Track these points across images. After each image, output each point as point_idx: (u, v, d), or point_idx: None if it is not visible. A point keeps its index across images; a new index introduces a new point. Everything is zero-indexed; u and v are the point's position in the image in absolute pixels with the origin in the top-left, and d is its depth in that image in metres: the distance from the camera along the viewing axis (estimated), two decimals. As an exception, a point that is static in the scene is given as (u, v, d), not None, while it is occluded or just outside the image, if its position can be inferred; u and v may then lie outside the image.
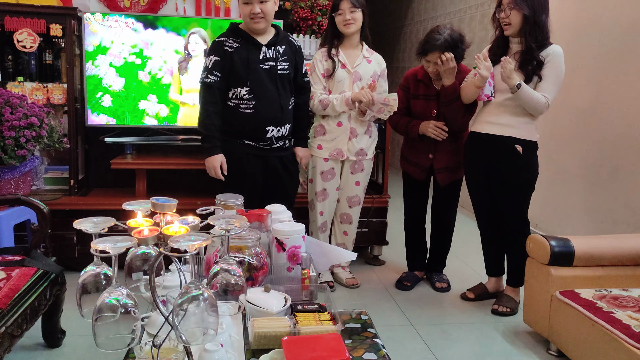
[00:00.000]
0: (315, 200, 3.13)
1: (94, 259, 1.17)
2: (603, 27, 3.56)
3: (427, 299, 3.10)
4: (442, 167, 3.06)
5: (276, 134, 2.79)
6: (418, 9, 6.68)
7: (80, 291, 1.17)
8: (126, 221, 1.20)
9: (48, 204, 3.07)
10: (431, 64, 2.91)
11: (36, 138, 2.85)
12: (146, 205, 1.27)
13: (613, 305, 2.23)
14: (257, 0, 2.62)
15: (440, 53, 2.82)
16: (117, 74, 3.37)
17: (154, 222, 1.20)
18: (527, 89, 2.65)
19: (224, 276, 1.25)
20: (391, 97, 2.88)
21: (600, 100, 3.57)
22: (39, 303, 2.21)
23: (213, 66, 2.67)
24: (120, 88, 3.39)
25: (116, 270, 1.12)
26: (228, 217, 1.24)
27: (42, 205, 2.46)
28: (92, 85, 3.35)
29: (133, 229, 1.12)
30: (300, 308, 1.65)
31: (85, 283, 1.16)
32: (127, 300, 1.10)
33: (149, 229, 1.12)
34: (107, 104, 3.39)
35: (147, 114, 3.44)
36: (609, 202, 3.48)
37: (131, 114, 3.42)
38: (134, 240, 1.08)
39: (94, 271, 1.17)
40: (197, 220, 1.21)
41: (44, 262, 2.35)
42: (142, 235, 1.09)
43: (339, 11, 2.92)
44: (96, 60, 3.34)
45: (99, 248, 1.03)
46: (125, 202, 1.30)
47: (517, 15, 2.65)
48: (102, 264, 1.18)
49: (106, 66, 3.35)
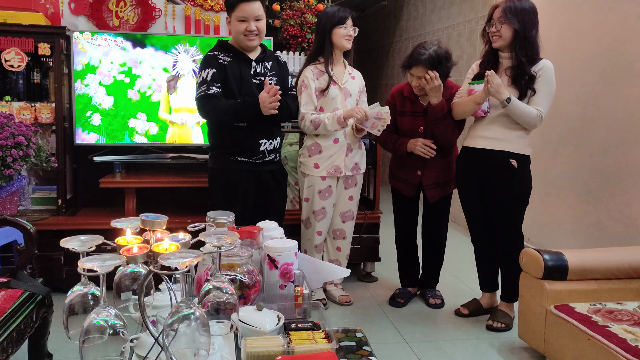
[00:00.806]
0: (312, 219, 3.10)
1: (81, 279, 1.14)
2: (588, 43, 3.60)
3: (420, 315, 3.07)
4: (432, 184, 3.05)
5: (268, 147, 2.78)
6: (406, 27, 6.74)
7: (67, 312, 1.13)
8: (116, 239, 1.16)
9: (35, 224, 3.01)
10: (415, 78, 2.91)
11: (23, 157, 2.81)
12: (135, 222, 1.24)
13: (608, 319, 2.22)
14: (253, 18, 2.63)
15: (425, 68, 2.82)
16: (106, 92, 3.35)
17: (143, 239, 1.17)
18: (518, 103, 2.66)
19: (215, 294, 1.21)
20: (383, 110, 2.88)
21: (588, 115, 3.60)
22: (25, 326, 2.15)
23: (212, 78, 2.64)
24: (110, 106, 3.36)
25: (104, 290, 1.08)
26: (219, 233, 1.22)
27: (28, 226, 2.41)
28: (82, 104, 3.32)
29: (122, 247, 1.09)
30: (293, 326, 1.62)
31: (72, 304, 1.13)
32: (115, 321, 1.07)
33: (138, 246, 1.09)
34: (97, 123, 3.36)
35: (137, 132, 3.42)
36: (601, 215, 3.48)
37: (121, 132, 3.39)
38: (123, 259, 1.05)
39: (81, 291, 1.13)
40: (188, 237, 1.18)
41: (31, 283, 2.30)
42: (131, 253, 1.06)
43: (344, 25, 2.93)
44: (85, 79, 3.32)
45: (86, 267, 1.00)
46: (113, 220, 1.27)
47: (508, 29, 2.67)
48: (90, 283, 1.14)
49: (96, 85, 3.33)
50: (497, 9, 2.71)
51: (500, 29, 2.68)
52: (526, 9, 2.68)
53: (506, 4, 2.68)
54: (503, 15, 2.66)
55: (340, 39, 2.95)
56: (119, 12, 3.58)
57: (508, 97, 2.64)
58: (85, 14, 3.56)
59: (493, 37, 2.73)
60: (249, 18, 2.62)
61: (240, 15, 2.62)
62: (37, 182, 3.53)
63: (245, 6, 2.61)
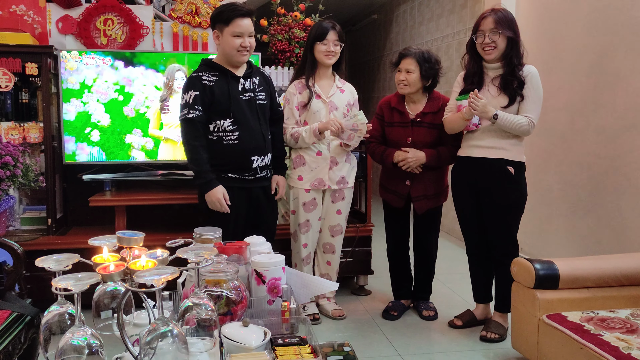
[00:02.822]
0: (298, 232, 3.09)
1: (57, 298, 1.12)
2: (576, 52, 3.62)
3: (414, 328, 3.05)
4: (420, 195, 3.04)
5: (260, 163, 2.77)
6: (396, 40, 6.79)
7: (44, 332, 1.11)
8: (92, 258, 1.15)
9: (25, 245, 3.00)
10: (402, 72, 2.96)
11: (10, 177, 2.80)
12: (113, 239, 1.23)
13: (601, 327, 2.20)
14: (247, 34, 2.64)
15: (414, 60, 2.91)
16: (104, 109, 3.37)
17: (120, 257, 1.16)
18: (505, 117, 2.67)
19: (196, 311, 1.20)
20: (359, 121, 2.87)
21: (577, 124, 3.62)
22: (13, 347, 2.12)
23: (194, 101, 2.63)
24: (108, 123, 3.38)
25: (79, 308, 1.07)
26: (197, 249, 1.20)
27: (16, 246, 2.40)
28: (82, 122, 3.34)
29: (98, 265, 1.08)
30: (280, 342, 1.60)
31: (49, 324, 1.11)
32: (93, 341, 1.05)
33: (115, 264, 1.08)
34: (96, 139, 3.37)
35: (134, 147, 3.43)
36: (592, 223, 3.48)
37: (118, 147, 3.41)
38: (98, 277, 1.04)
39: (58, 311, 1.12)
40: (166, 253, 1.17)
41: (19, 304, 2.28)
42: (107, 271, 1.05)
43: (324, 40, 2.93)
44: (83, 97, 3.33)
45: (60, 286, 0.98)
46: (91, 238, 1.25)
47: (504, 39, 2.68)
48: (67, 303, 1.13)
49: (94, 102, 3.35)
50: (486, 19, 2.71)
51: (496, 39, 2.68)
52: (512, 19, 2.73)
53: (497, 15, 2.69)
54: (497, 26, 2.67)
55: (320, 55, 2.96)
56: (106, 30, 3.59)
57: (495, 113, 2.66)
58: (73, 33, 3.57)
59: (486, 49, 2.71)
60: (244, 33, 2.63)
61: (236, 31, 2.62)
62: (27, 202, 3.51)
63: (241, 21, 2.61)
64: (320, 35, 2.93)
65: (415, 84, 2.95)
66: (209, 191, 2.64)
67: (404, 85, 2.97)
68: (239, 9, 2.64)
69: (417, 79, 2.93)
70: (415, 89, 2.97)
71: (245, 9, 2.65)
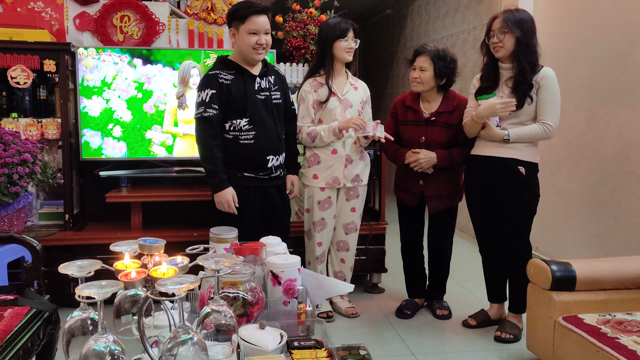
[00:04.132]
0: (312, 230, 3.09)
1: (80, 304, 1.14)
2: (594, 50, 3.58)
3: (428, 327, 3.05)
4: (433, 195, 3.02)
5: (275, 162, 2.77)
6: (410, 35, 6.74)
7: (67, 336, 1.13)
8: (114, 262, 1.17)
9: (43, 240, 3.03)
10: (417, 70, 2.94)
11: (29, 174, 2.83)
12: (135, 246, 1.24)
13: (618, 331, 2.18)
14: (263, 31, 2.63)
15: (429, 58, 2.89)
16: (126, 106, 3.41)
17: (142, 263, 1.17)
18: (517, 133, 2.70)
19: (215, 317, 1.21)
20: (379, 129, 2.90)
21: (594, 123, 3.58)
22: (32, 343, 2.15)
23: (211, 99, 2.62)
24: (129, 119, 3.42)
25: (102, 315, 1.08)
26: (217, 256, 1.21)
27: (34, 243, 2.42)
28: (105, 118, 3.39)
29: (120, 272, 1.09)
30: (296, 344, 1.61)
31: (71, 329, 1.13)
32: (114, 347, 1.06)
33: (136, 271, 1.09)
34: (118, 134, 3.42)
35: (154, 143, 3.47)
36: (609, 224, 3.45)
37: (138, 143, 3.44)
38: (120, 285, 1.05)
39: (81, 316, 1.14)
40: (186, 260, 1.18)
41: (37, 300, 2.31)
42: (129, 278, 1.06)
43: (346, 37, 2.93)
44: (103, 94, 3.37)
45: (83, 294, 1.00)
46: (112, 244, 1.27)
47: (510, 38, 2.67)
48: (89, 308, 1.14)
49: (116, 99, 3.39)
50: (496, 20, 2.73)
51: (502, 39, 2.68)
52: (524, 18, 2.71)
53: (505, 15, 2.70)
54: (504, 25, 2.67)
55: (341, 52, 2.95)
56: (123, 27, 3.61)
57: (505, 136, 2.70)
58: (90, 30, 3.59)
59: (495, 48, 2.73)
60: (260, 31, 2.62)
61: (251, 28, 2.61)
62: (45, 197, 3.55)
63: (256, 18, 2.61)
64: (342, 32, 2.93)
65: (428, 82, 2.93)
66: (219, 192, 2.65)
67: (417, 82, 2.95)
68: (254, 6, 2.63)
69: (430, 77, 2.92)
70: (428, 87, 2.96)
71: (261, 6, 2.65)
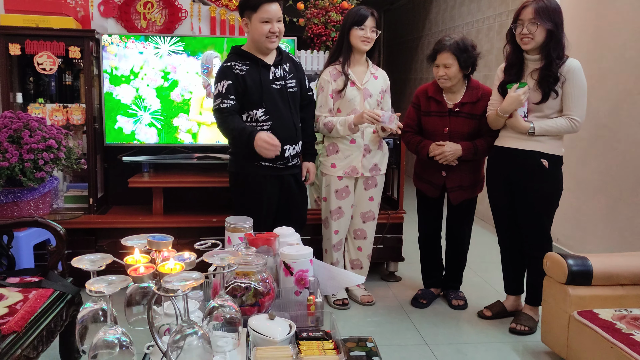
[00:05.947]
0: (329, 219, 3.12)
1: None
2: (623, 38, 3.48)
3: (443, 316, 3.06)
4: (455, 186, 3.01)
5: (292, 152, 2.79)
6: (435, 20, 6.65)
7: (79, 327, 1.18)
8: (125, 257, 1.21)
9: (68, 223, 3.13)
10: (441, 68, 2.89)
11: (54, 160, 2.91)
12: (144, 240, 1.28)
13: (633, 327, 2.17)
14: (276, 19, 2.63)
15: (451, 54, 2.84)
16: (155, 94, 3.47)
17: (151, 258, 1.21)
18: (542, 126, 2.66)
19: (222, 309, 1.25)
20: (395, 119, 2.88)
21: (619, 113, 3.50)
22: (55, 324, 2.24)
23: (227, 90, 2.63)
24: (158, 107, 3.48)
25: (111, 308, 1.13)
26: (223, 253, 1.25)
27: (58, 227, 2.50)
28: (136, 105, 3.46)
29: (130, 266, 1.14)
30: (305, 335, 1.65)
31: (84, 319, 1.18)
32: (123, 338, 1.11)
33: (144, 266, 1.13)
34: (147, 122, 3.49)
35: (181, 130, 3.53)
36: (631, 216, 3.39)
37: (166, 129, 3.51)
38: (129, 279, 1.09)
39: (92, 308, 1.18)
40: (193, 256, 1.21)
41: (61, 283, 2.39)
42: (137, 273, 1.10)
43: (362, 26, 2.91)
44: (131, 82, 3.43)
45: (93, 289, 1.04)
46: (124, 238, 1.31)
47: (542, 31, 2.59)
48: (101, 300, 1.19)
49: (145, 87, 3.45)
50: (526, 9, 2.62)
51: (534, 30, 2.60)
52: (556, 9, 2.61)
53: (537, 5, 2.59)
54: (536, 17, 2.57)
55: (356, 40, 2.93)
56: (146, 14, 3.65)
57: (530, 129, 2.66)
58: (114, 16, 3.64)
59: (524, 40, 2.63)
60: (272, 19, 2.62)
61: (264, 17, 2.60)
62: (71, 180, 3.65)
63: (268, 7, 2.59)
64: (359, 20, 2.91)
65: (456, 76, 2.89)
66: (254, 141, 2.57)
67: (444, 80, 2.91)
68: None
69: (457, 71, 2.88)
70: (457, 81, 2.92)
71: None
